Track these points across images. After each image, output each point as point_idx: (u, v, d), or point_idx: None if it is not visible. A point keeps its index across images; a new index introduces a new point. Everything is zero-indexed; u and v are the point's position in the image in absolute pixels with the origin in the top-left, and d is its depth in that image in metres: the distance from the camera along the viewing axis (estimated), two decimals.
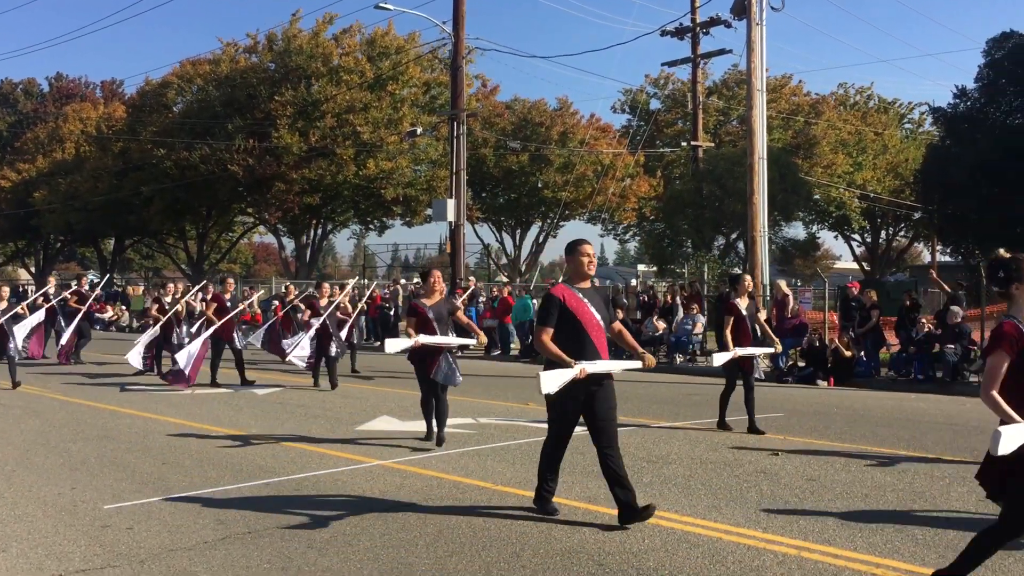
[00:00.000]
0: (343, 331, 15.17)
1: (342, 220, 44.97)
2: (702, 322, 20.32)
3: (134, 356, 15.49)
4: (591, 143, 39.57)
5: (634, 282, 31.73)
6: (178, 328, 15.98)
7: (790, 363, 17.33)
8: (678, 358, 19.54)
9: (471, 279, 26.74)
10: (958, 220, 29.15)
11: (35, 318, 15.94)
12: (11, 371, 14.29)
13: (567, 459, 8.54)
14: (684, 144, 34.93)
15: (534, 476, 7.83)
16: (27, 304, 16.41)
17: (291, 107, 36.51)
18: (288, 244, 46.36)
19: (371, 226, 45.84)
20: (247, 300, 17.60)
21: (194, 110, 40.16)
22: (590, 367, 6.09)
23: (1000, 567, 5.31)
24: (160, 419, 11.07)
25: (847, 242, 47.78)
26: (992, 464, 4.48)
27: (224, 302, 15.06)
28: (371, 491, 7.23)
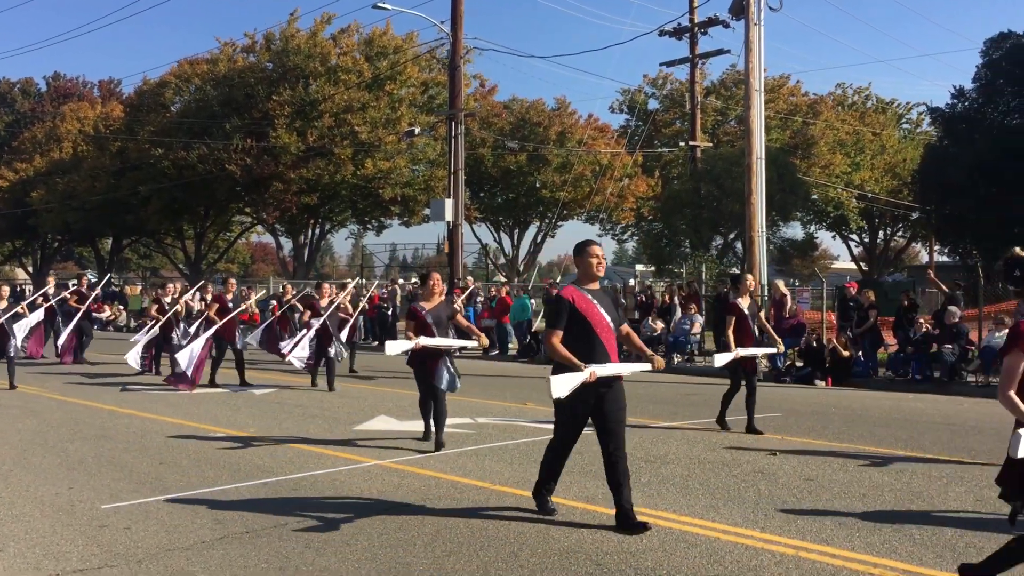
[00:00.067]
0: (344, 331, 15.15)
1: (340, 220, 44.95)
2: (700, 322, 20.34)
3: (132, 357, 15.51)
4: (589, 143, 39.55)
5: (632, 282, 31.71)
6: (177, 328, 16.02)
7: (788, 363, 17.34)
8: (676, 358, 19.53)
9: (469, 279, 26.74)
10: (956, 220, 29.14)
11: (34, 317, 15.94)
12: (10, 371, 14.27)
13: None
14: (682, 144, 34.91)
15: (532, 476, 7.83)
16: (27, 304, 16.37)
17: (289, 107, 36.49)
18: (286, 244, 46.35)
19: (369, 226, 45.83)
20: (247, 300, 17.60)
21: (192, 110, 40.13)
22: (600, 370, 6.07)
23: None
24: (158, 419, 11.06)
25: (845, 242, 47.79)
26: (1012, 467, 4.38)
27: (226, 302, 15.04)
28: (369, 491, 7.23)
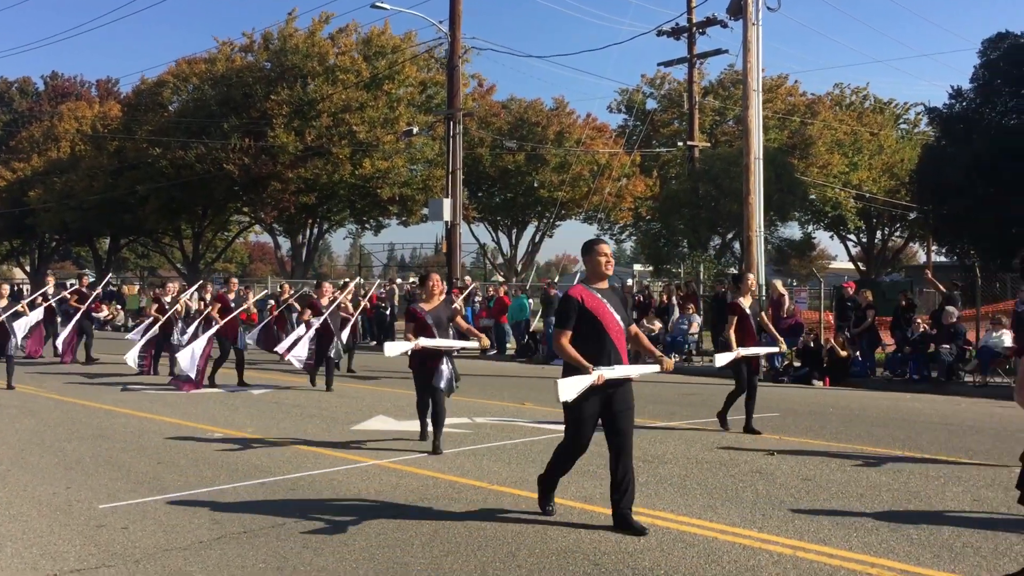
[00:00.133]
0: (345, 331, 15.10)
1: (338, 219, 44.94)
2: (698, 322, 20.35)
3: (132, 357, 15.53)
4: (587, 143, 39.54)
5: (630, 282, 31.69)
6: (177, 327, 16.07)
7: (786, 363, 17.36)
8: (674, 358, 19.48)
9: (467, 279, 26.73)
10: (953, 220, 29.14)
11: (34, 316, 15.97)
12: (8, 371, 14.25)
13: None
14: (680, 144, 34.92)
15: (530, 476, 7.82)
16: (27, 303, 16.36)
17: (287, 106, 36.46)
18: (284, 243, 46.37)
19: (367, 225, 45.82)
20: (247, 301, 17.59)
21: (190, 109, 40.09)
22: (608, 373, 5.97)
23: (996, 567, 5.32)
24: (156, 419, 11.05)
25: (843, 242, 47.85)
26: None
27: (228, 302, 15.04)
28: (367, 491, 7.22)
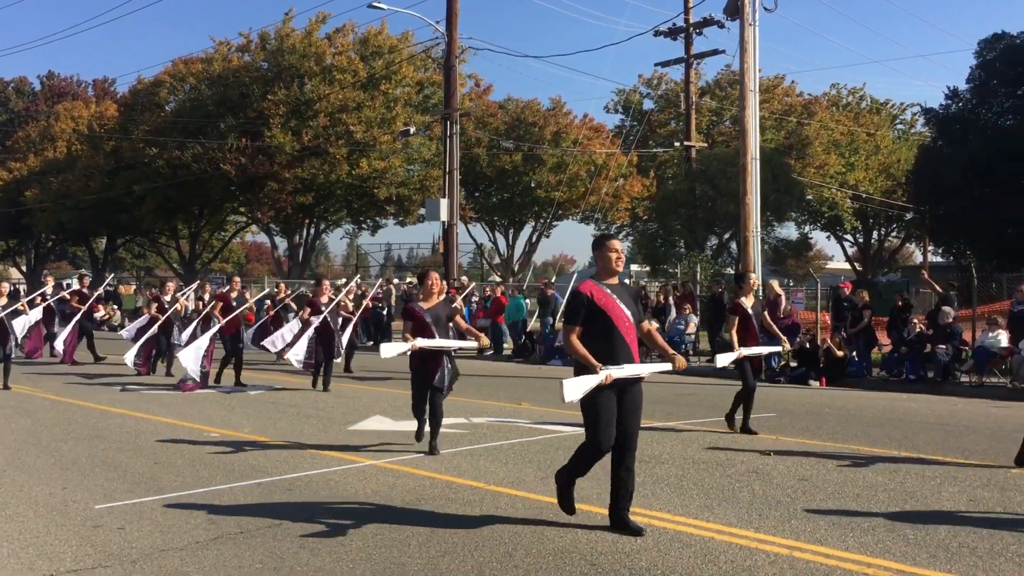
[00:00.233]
0: (346, 331, 15.02)
1: (335, 219, 44.90)
2: (695, 322, 20.37)
3: (130, 357, 15.55)
4: (584, 143, 39.55)
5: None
6: (176, 327, 16.11)
7: (782, 363, 17.37)
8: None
9: (464, 279, 26.73)
10: (950, 221, 29.16)
11: (33, 316, 15.98)
12: (5, 371, 14.20)
13: (559, 459, 8.53)
14: (677, 144, 34.96)
15: (527, 476, 7.84)
16: (26, 302, 16.34)
17: (284, 106, 36.42)
18: (281, 243, 46.32)
19: (364, 226, 45.79)
20: (249, 300, 17.59)
21: (186, 109, 40.04)
22: (616, 372, 5.82)
23: (993, 567, 5.33)
24: (152, 419, 11.04)
25: (839, 242, 47.89)
26: None
27: (230, 301, 15.04)
28: (364, 491, 7.22)
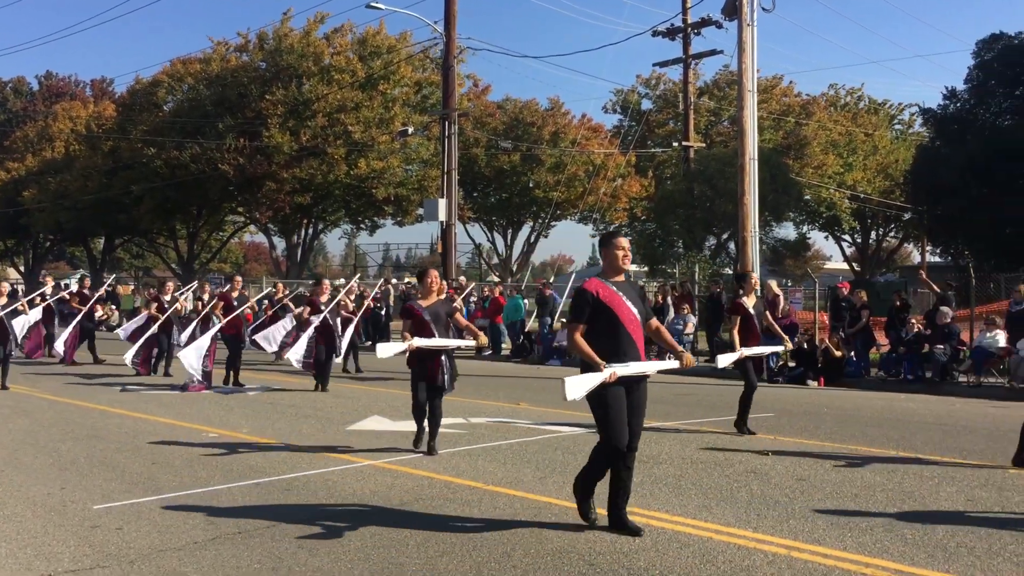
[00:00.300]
0: (348, 331, 14.98)
1: (333, 220, 44.88)
2: (693, 322, 20.36)
3: (130, 357, 15.57)
4: (582, 143, 39.56)
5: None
6: (176, 327, 16.14)
7: (780, 363, 17.38)
8: (669, 358, 19.52)
9: (462, 279, 26.72)
10: (947, 221, 29.21)
11: (33, 316, 15.98)
12: (3, 371, 14.18)
13: (558, 459, 8.58)
14: (675, 144, 34.98)
15: (525, 476, 7.84)
16: (26, 301, 16.33)
17: (282, 106, 36.41)
18: (279, 243, 46.29)
19: (362, 226, 45.77)
20: (250, 300, 17.58)
21: (184, 109, 40.02)
22: (621, 370, 5.76)
23: (990, 567, 5.33)
24: (150, 419, 11.03)
25: (837, 243, 47.90)
26: None
27: (231, 300, 15.03)
28: (362, 491, 7.22)
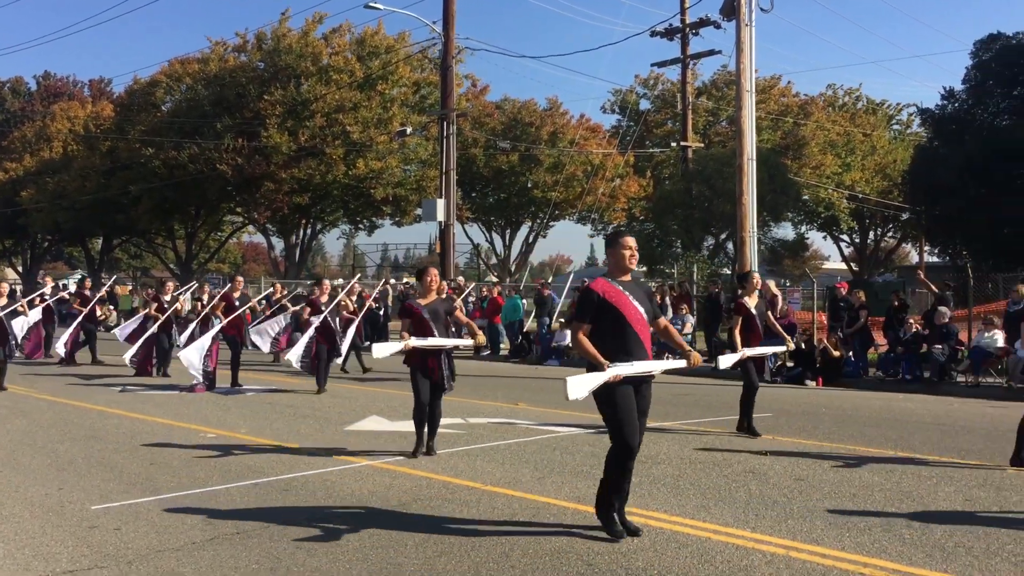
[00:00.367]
0: (349, 332, 14.93)
1: (331, 220, 44.87)
2: (691, 322, 20.36)
3: (129, 356, 15.56)
4: (581, 143, 39.59)
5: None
6: (176, 327, 16.14)
7: (779, 363, 17.39)
8: (667, 358, 19.52)
9: (460, 279, 26.71)
10: (946, 221, 29.26)
11: (33, 317, 15.97)
12: (1, 372, 14.16)
13: (556, 459, 8.58)
14: (673, 145, 35.00)
15: (523, 476, 7.82)
16: (26, 302, 16.32)
17: (280, 106, 36.41)
18: (277, 244, 46.26)
19: (360, 226, 45.77)
20: (251, 300, 17.55)
21: (183, 109, 40.01)
22: (625, 369, 5.68)
23: (988, 567, 5.34)
24: (148, 419, 11.02)
25: (836, 243, 47.95)
26: None
27: (233, 301, 15.01)
28: (360, 491, 7.22)
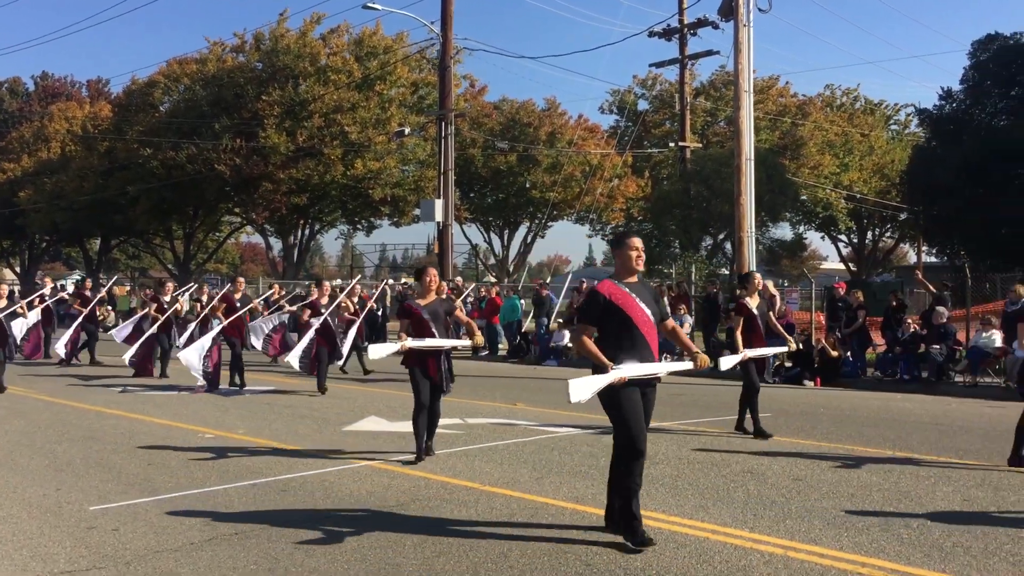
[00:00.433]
0: (350, 333, 14.90)
1: (330, 220, 44.83)
2: (689, 323, 20.36)
3: (128, 357, 15.56)
4: (579, 143, 39.60)
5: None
6: (176, 327, 16.15)
7: (777, 363, 17.39)
8: (666, 358, 19.54)
9: (458, 279, 26.72)
10: (944, 221, 29.28)
11: (32, 318, 15.97)
12: None
13: (554, 460, 8.57)
14: (672, 145, 34.99)
15: (522, 476, 7.82)
16: (25, 303, 16.31)
17: (278, 107, 36.38)
18: (275, 244, 46.20)
19: (359, 226, 45.71)
20: (252, 301, 17.54)
21: (181, 109, 39.97)
22: (630, 371, 5.62)
23: (986, 567, 5.34)
24: (146, 420, 11.02)
25: (834, 243, 47.99)
26: None
27: (234, 302, 14.99)
28: (359, 492, 7.21)
